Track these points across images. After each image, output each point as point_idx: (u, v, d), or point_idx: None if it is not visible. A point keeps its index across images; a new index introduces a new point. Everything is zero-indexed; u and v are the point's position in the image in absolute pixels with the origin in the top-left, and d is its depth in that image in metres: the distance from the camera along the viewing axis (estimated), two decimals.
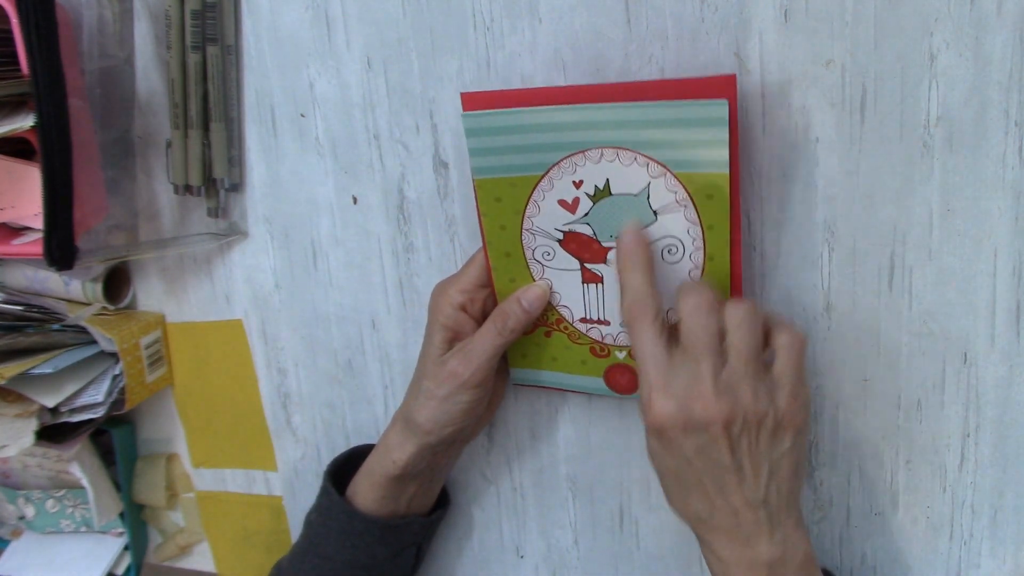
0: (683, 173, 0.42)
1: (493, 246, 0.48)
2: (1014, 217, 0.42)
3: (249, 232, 0.60)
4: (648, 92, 0.41)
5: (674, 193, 0.42)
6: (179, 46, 0.54)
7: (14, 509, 0.72)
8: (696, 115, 0.40)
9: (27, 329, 0.60)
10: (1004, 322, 0.44)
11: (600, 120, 0.42)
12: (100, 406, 0.60)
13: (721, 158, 0.40)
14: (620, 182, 0.43)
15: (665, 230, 0.43)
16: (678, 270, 0.44)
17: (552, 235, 0.46)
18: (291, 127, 0.56)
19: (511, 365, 0.52)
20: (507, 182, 0.45)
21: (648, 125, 0.41)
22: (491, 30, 0.49)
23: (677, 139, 0.41)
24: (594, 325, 0.48)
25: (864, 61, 0.42)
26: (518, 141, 0.44)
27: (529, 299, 0.47)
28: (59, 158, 0.49)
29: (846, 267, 0.45)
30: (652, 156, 0.42)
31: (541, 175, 0.44)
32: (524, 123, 0.43)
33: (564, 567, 0.58)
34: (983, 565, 0.47)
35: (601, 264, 0.46)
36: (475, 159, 0.45)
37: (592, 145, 0.42)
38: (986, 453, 0.46)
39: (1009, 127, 0.41)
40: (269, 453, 0.65)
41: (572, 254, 0.46)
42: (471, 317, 0.49)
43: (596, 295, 0.47)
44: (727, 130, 0.40)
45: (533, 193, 0.45)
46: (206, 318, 0.63)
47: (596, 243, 0.45)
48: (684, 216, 0.43)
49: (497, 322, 0.47)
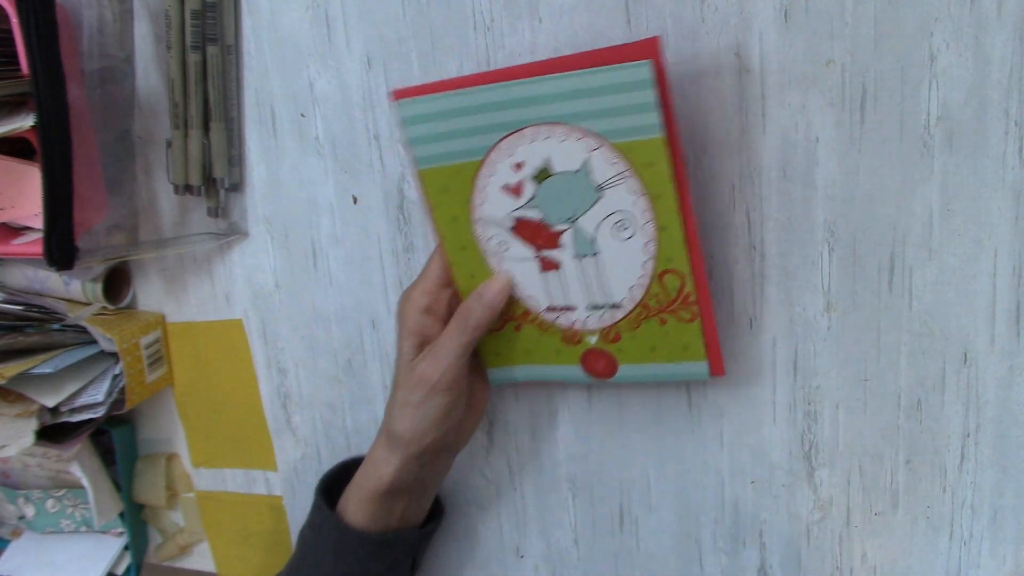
0: (619, 143, 0.41)
1: (448, 240, 0.47)
2: (1014, 217, 0.42)
3: (249, 232, 0.60)
4: (575, 64, 0.40)
5: (614, 164, 0.41)
6: (179, 46, 0.54)
7: (14, 509, 0.72)
8: (621, 79, 0.39)
9: (27, 329, 0.60)
10: (1004, 322, 0.44)
11: (530, 96, 0.41)
12: (100, 406, 0.60)
13: (652, 122, 0.40)
14: (560, 159, 0.42)
15: (613, 205, 0.43)
16: (633, 245, 0.43)
17: (503, 223, 0.45)
18: (291, 127, 0.56)
19: (487, 365, 0.51)
20: (450, 170, 0.45)
21: (577, 95, 0.40)
22: (491, 30, 0.49)
23: (607, 108, 0.40)
24: (561, 312, 0.47)
25: (864, 61, 0.42)
26: (454, 125, 0.43)
27: (490, 295, 0.47)
28: (59, 158, 0.49)
29: (846, 267, 0.45)
30: (586, 128, 0.41)
31: (481, 159, 0.44)
32: (457, 106, 0.43)
33: (564, 567, 0.58)
34: (983, 565, 0.47)
35: (556, 250, 0.45)
36: (415, 148, 0.45)
37: (527, 123, 0.42)
38: (986, 453, 0.46)
39: (1009, 127, 0.41)
40: (269, 453, 0.65)
41: (525, 242, 0.45)
42: (438, 319, 0.48)
43: (558, 282, 0.46)
44: (652, 92, 0.39)
45: (477, 180, 0.45)
46: (206, 318, 0.63)
47: (546, 228, 0.44)
48: (628, 188, 0.42)
49: (460, 321, 0.47)
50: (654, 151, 0.40)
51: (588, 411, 0.54)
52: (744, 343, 0.49)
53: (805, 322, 0.47)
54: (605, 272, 0.45)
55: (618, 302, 0.45)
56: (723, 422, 0.51)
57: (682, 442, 0.52)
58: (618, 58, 0.39)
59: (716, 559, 0.53)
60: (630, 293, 0.44)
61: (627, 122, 0.40)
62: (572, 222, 0.44)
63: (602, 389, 0.53)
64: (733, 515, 0.52)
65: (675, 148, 0.41)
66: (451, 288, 0.49)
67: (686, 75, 0.45)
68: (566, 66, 0.40)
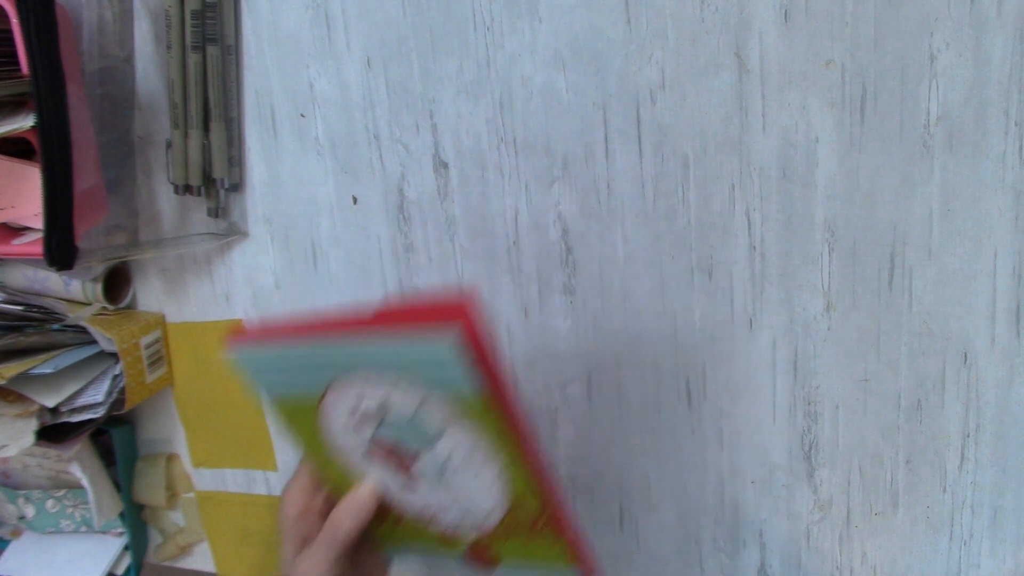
0: (443, 394, 0.39)
1: (311, 455, 0.46)
2: (1014, 217, 0.42)
3: (249, 232, 0.60)
4: (391, 321, 0.38)
5: (443, 413, 0.40)
6: (179, 46, 0.54)
7: (14, 509, 0.72)
8: (427, 353, 0.37)
9: (27, 329, 0.60)
10: (1004, 322, 0.44)
11: (351, 353, 0.40)
12: (100, 406, 0.60)
13: (467, 385, 0.37)
14: (396, 400, 0.41)
15: (453, 444, 0.41)
16: (483, 476, 0.42)
17: (357, 448, 0.44)
18: (291, 127, 0.56)
19: (379, 543, 0.50)
20: (296, 401, 0.44)
21: (393, 358, 0.39)
22: (491, 30, 0.49)
23: (422, 371, 0.38)
24: (433, 517, 0.46)
25: (864, 61, 0.42)
26: (288, 370, 0.42)
27: (356, 507, 0.46)
28: (59, 158, 0.49)
29: (846, 267, 0.45)
30: (411, 380, 0.39)
31: (322, 394, 0.42)
32: (285, 357, 0.42)
33: None
34: (983, 565, 0.47)
35: (413, 469, 0.44)
36: (256, 384, 0.44)
37: (357, 368, 0.40)
38: (986, 453, 0.46)
39: (1009, 127, 0.41)
40: (269, 453, 0.65)
41: (383, 462, 0.44)
42: (316, 517, 0.47)
43: (423, 496, 0.45)
44: (459, 365, 0.36)
45: (322, 409, 0.43)
46: (206, 318, 0.63)
47: (400, 452, 0.43)
48: (464, 432, 0.40)
49: (329, 532, 0.46)
50: (477, 406, 0.39)
51: (588, 411, 0.54)
52: (744, 343, 0.49)
53: (805, 322, 0.47)
54: (465, 495, 0.44)
55: (483, 519, 0.44)
56: (723, 422, 0.51)
57: (682, 442, 0.52)
58: (430, 318, 0.37)
59: (716, 559, 0.53)
60: (491, 514, 0.44)
61: (445, 382, 0.38)
62: (421, 452, 0.43)
63: (602, 389, 0.53)
64: (733, 515, 0.52)
65: (502, 396, 0.39)
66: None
67: (686, 75, 0.46)
68: (381, 323, 0.38)
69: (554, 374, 0.54)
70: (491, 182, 0.52)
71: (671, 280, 0.49)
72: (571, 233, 0.51)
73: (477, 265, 0.54)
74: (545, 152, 0.50)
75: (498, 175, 0.52)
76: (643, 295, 0.50)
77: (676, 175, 0.48)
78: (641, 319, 0.51)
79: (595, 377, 0.53)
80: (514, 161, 0.51)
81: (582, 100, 0.48)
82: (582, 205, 0.50)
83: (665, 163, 0.48)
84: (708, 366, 0.50)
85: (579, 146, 0.49)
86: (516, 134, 0.50)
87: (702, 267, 0.49)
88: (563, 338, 0.53)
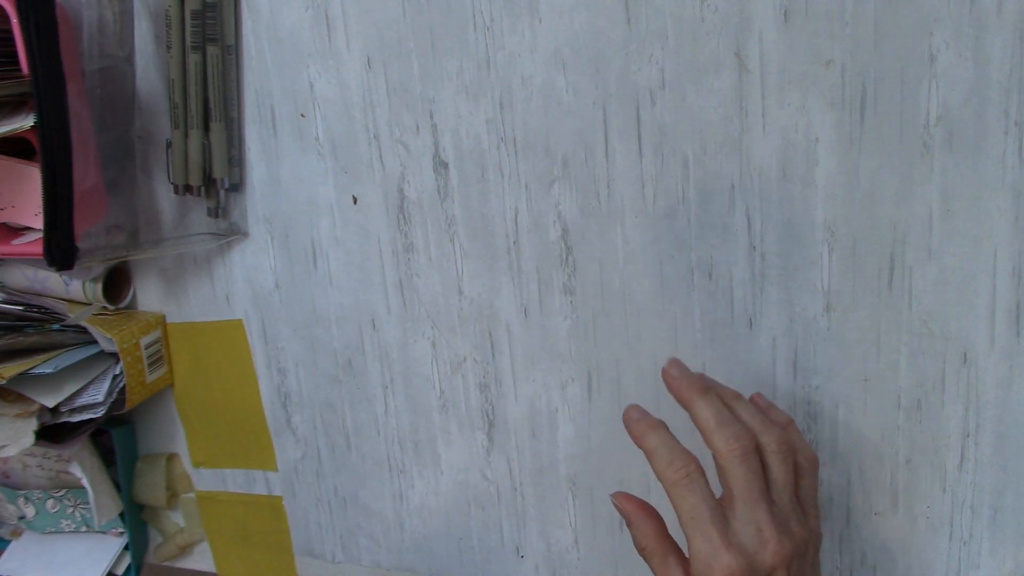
0: None
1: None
2: (1014, 217, 0.42)
3: (249, 232, 0.60)
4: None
5: None
6: (179, 46, 0.54)
7: (14, 509, 0.72)
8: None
9: (27, 329, 0.60)
10: (1004, 322, 0.44)
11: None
12: (100, 406, 0.60)
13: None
14: None
15: None
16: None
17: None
18: (291, 127, 0.56)
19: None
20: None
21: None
22: (491, 30, 0.49)
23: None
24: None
25: (864, 61, 0.42)
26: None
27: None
28: (59, 158, 0.49)
29: (846, 267, 0.45)
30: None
31: None
32: None
33: (564, 567, 0.58)
34: (983, 565, 0.47)
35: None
36: None
37: None
38: (986, 453, 0.46)
39: (1009, 127, 0.41)
40: (269, 453, 0.65)
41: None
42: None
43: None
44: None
45: None
46: (206, 318, 0.63)
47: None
48: None
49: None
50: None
51: (588, 411, 0.54)
52: (744, 343, 0.49)
53: (805, 322, 0.47)
54: None
55: None
56: None
57: (682, 442, 0.52)
58: None
59: None
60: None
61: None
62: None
63: (602, 389, 0.53)
64: None
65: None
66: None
67: (686, 75, 0.46)
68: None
69: (554, 374, 0.54)
70: (491, 182, 0.52)
71: (671, 280, 0.49)
72: (571, 233, 0.51)
73: (477, 265, 0.54)
74: (545, 152, 0.50)
75: (498, 175, 0.52)
76: (643, 295, 0.50)
77: (676, 175, 0.48)
78: (641, 319, 0.51)
79: (595, 377, 0.53)
80: (514, 161, 0.51)
81: (582, 100, 0.48)
82: (582, 205, 0.50)
83: (665, 163, 0.48)
84: (708, 366, 0.50)
85: (579, 146, 0.49)
86: (516, 134, 0.50)
87: (702, 267, 0.49)
88: (563, 338, 0.53)
